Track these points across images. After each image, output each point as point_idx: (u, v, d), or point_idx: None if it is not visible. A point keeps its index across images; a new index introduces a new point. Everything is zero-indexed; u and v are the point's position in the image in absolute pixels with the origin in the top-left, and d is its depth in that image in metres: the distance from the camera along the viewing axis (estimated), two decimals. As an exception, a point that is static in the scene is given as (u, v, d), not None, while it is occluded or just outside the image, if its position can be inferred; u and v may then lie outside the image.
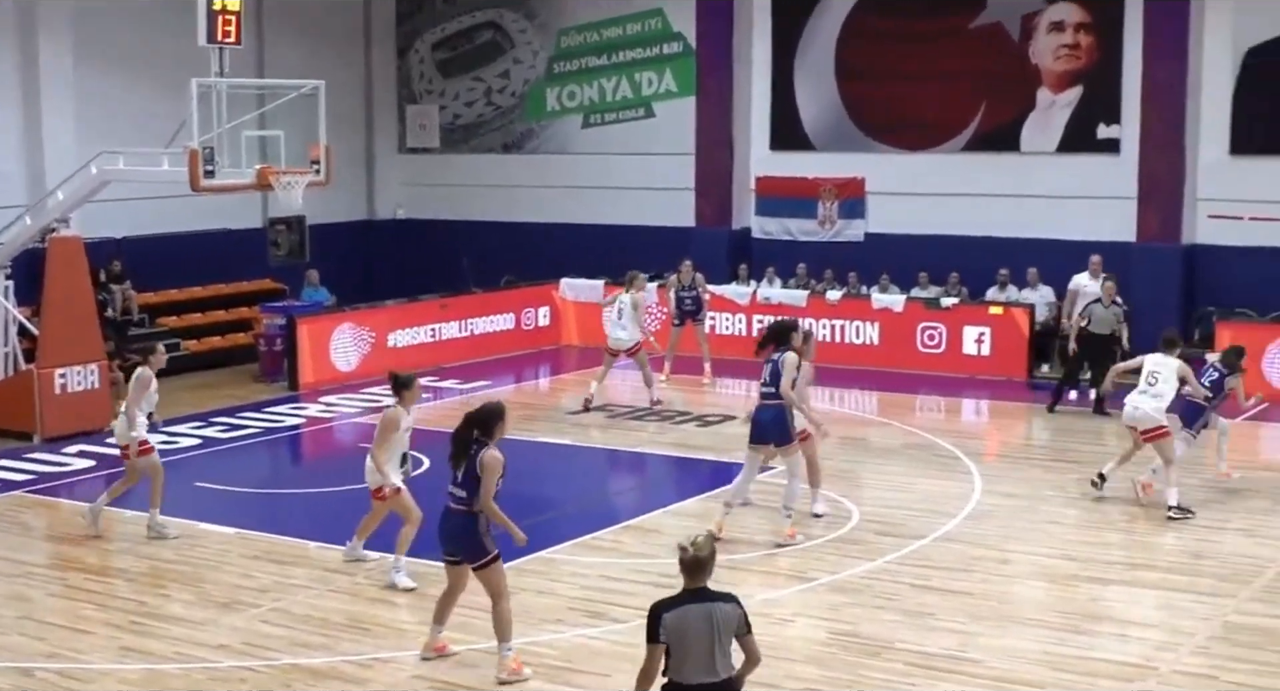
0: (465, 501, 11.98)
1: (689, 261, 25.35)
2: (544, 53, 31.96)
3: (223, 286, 29.61)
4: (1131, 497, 17.44)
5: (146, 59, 27.74)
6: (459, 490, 12.02)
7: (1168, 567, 15.03)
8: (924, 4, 27.57)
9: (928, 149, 27.87)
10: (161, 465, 16.57)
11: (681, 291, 25.12)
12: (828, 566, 14.87)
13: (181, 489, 18.56)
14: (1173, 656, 12.47)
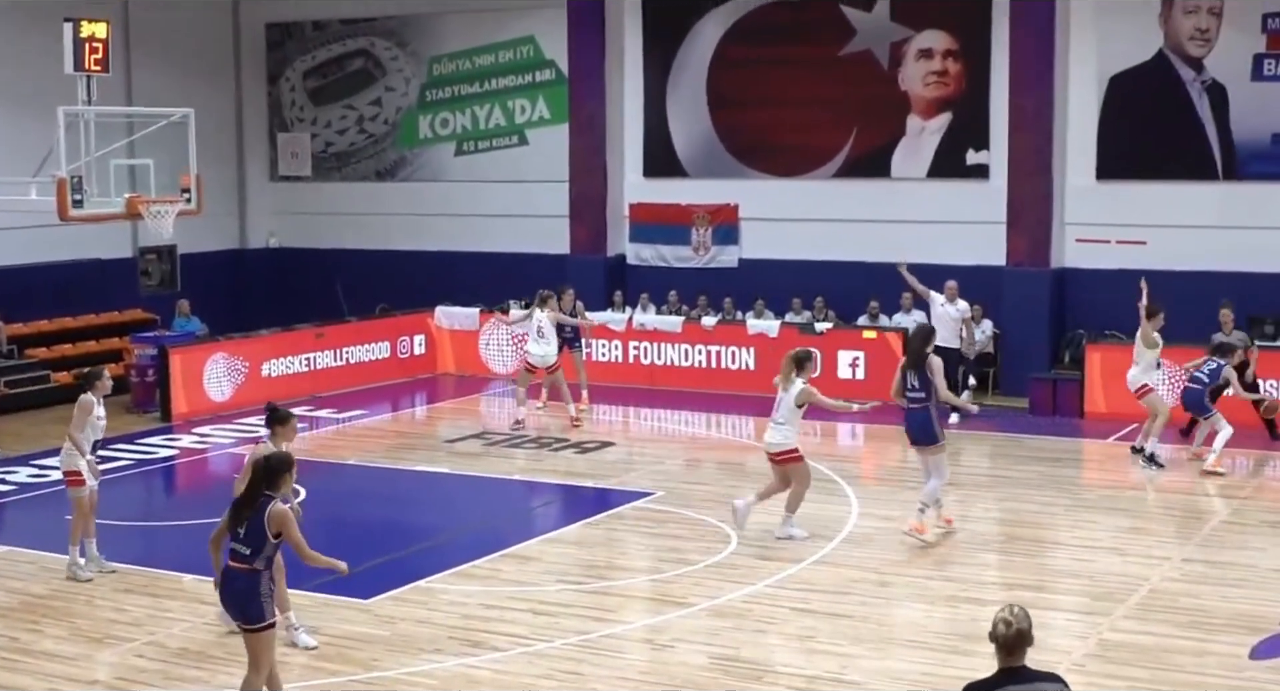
0: (249, 558, 11.34)
1: (571, 289, 25.36)
2: (416, 80, 31.90)
3: (93, 317, 29.23)
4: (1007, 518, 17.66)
5: (13, 86, 27.38)
6: (243, 547, 11.35)
7: (1043, 587, 15.20)
8: (794, 32, 27.79)
9: (800, 175, 28.09)
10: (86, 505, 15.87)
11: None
12: (707, 591, 14.89)
13: (53, 522, 18.28)
14: (1049, 674, 12.59)
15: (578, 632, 13.69)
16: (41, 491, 20.07)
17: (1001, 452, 21.71)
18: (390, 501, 19.49)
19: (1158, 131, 25.39)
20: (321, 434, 24.06)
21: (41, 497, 19.78)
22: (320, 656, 13.20)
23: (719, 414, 24.55)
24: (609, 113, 29.23)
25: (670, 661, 12.98)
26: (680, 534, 17.05)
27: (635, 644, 13.51)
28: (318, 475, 20.71)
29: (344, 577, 14.90)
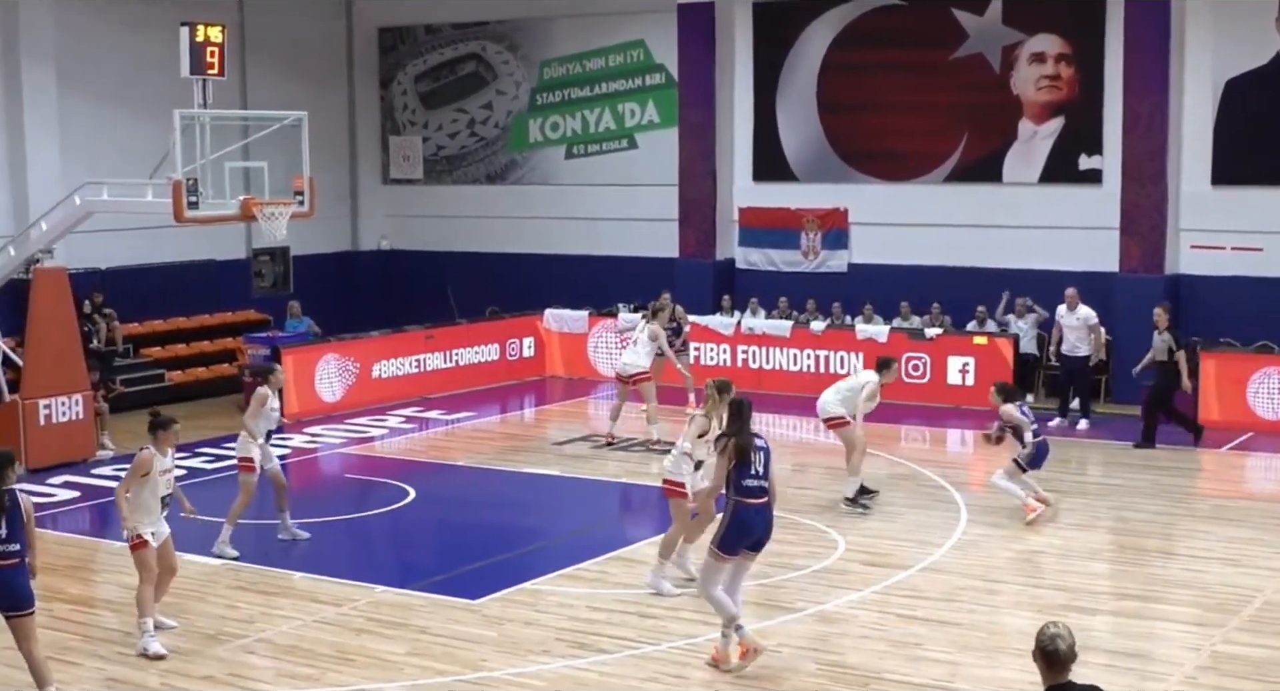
0: (18, 553, 11.74)
1: (667, 294, 25.30)
2: (527, 84, 32.03)
3: (207, 317, 29.60)
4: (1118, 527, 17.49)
5: (131, 90, 27.79)
6: (9, 545, 11.70)
7: (1155, 597, 15.02)
8: (905, 36, 27.66)
9: (910, 180, 27.95)
10: (254, 489, 16.78)
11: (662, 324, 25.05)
12: (814, 596, 14.86)
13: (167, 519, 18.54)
14: (1161, 687, 12.46)
15: (684, 636, 13.70)
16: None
17: (1113, 461, 21.48)
18: (498, 503, 19.59)
19: (1275, 136, 25.02)
20: (431, 435, 24.23)
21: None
22: (428, 656, 13.30)
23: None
24: (719, 116, 29.22)
25: (775, 666, 12.95)
26: (787, 538, 16.95)
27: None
28: (427, 476, 20.89)
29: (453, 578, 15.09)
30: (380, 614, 14.54)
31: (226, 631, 14.13)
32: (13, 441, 21.19)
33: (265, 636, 14.00)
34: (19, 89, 26.34)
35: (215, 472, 21.12)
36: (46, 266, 22.08)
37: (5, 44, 26.27)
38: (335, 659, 13.30)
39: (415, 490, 19.91)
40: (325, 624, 14.29)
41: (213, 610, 14.80)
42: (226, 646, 13.72)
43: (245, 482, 16.73)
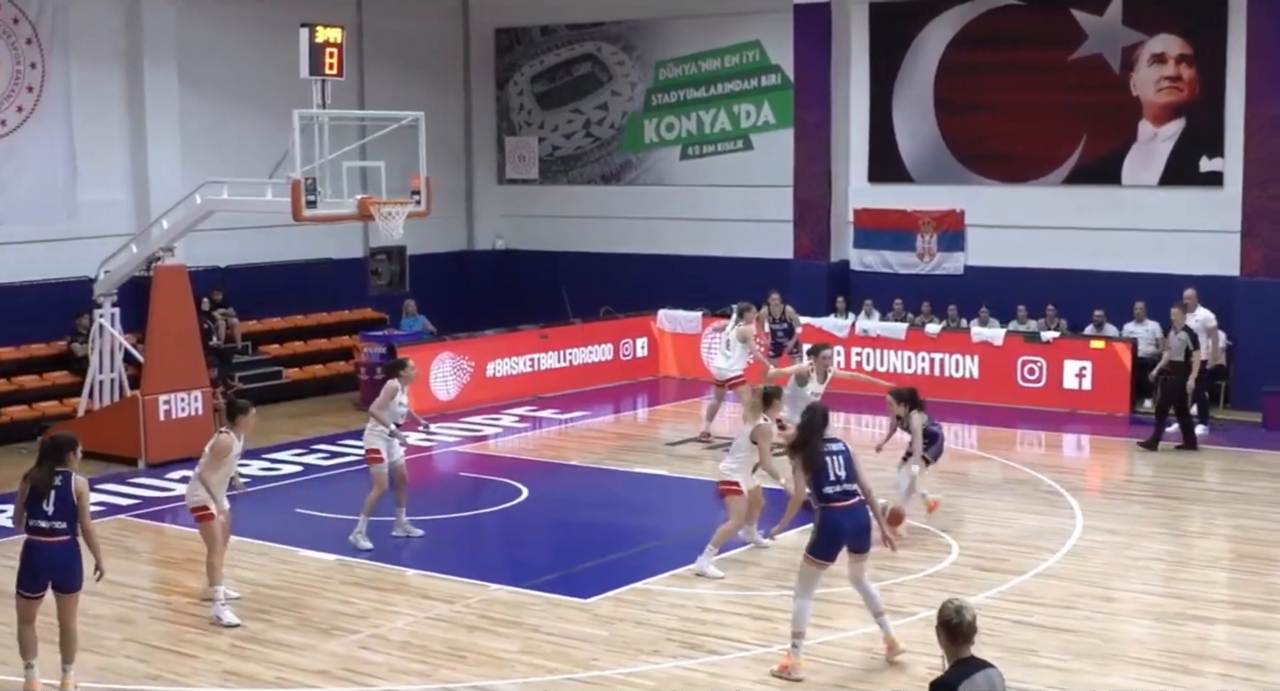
0: (66, 532, 12.05)
1: (776, 294, 25.27)
2: (642, 85, 32.09)
3: (324, 315, 29.87)
4: (1237, 535, 17.25)
5: (250, 90, 28.11)
6: (54, 522, 12.03)
7: (1274, 606, 14.78)
8: (1023, 37, 27.42)
9: (1028, 181, 27.71)
10: (385, 479, 16.98)
11: (773, 324, 25.02)
12: (927, 600, 14.73)
13: (283, 515, 18.80)
14: (1279, 696, 12.30)
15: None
16: (272, 484, 20.59)
17: (1233, 468, 21.16)
18: (611, 503, 19.63)
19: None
20: (544, 434, 24.33)
21: (271, 490, 20.29)
22: (540, 654, 13.35)
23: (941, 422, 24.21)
24: (834, 118, 29.11)
25: (888, 670, 12.88)
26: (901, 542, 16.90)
27: (853, 652, 13.44)
28: (540, 475, 20.97)
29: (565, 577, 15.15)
30: (493, 611, 14.62)
31: (340, 626, 14.26)
32: (133, 437, 21.59)
33: (379, 632, 14.12)
34: (141, 89, 26.76)
35: (332, 469, 21.35)
36: (167, 264, 22.39)
37: (129, 45, 26.68)
38: (448, 655, 13.39)
39: (528, 489, 20.00)
40: (438, 620, 14.39)
41: (327, 605, 14.94)
42: (340, 641, 13.84)
43: (377, 474, 16.93)
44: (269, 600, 15.18)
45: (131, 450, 21.69)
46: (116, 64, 26.65)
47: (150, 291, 22.43)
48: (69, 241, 25.44)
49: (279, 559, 16.76)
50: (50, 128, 25.61)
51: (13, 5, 24.96)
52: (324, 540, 17.28)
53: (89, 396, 23.22)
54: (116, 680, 12.86)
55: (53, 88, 25.62)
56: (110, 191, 26.57)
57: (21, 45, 25.13)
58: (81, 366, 23.96)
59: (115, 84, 26.70)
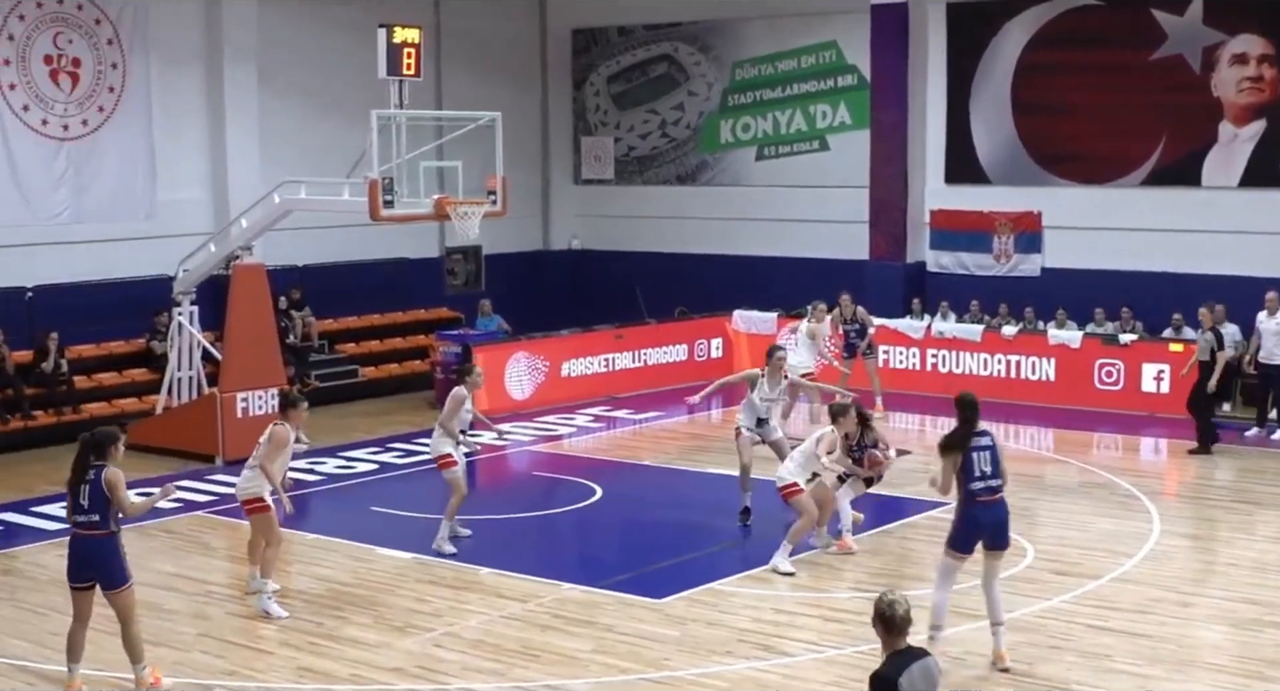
0: (99, 524, 12.14)
1: (847, 295, 25.20)
2: (718, 85, 32.06)
3: (400, 314, 30.00)
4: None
5: (328, 90, 28.29)
6: (90, 516, 12.16)
7: (1354, 613, 14.65)
8: (1102, 37, 27.21)
9: (1106, 183, 27.50)
10: (463, 482, 16.86)
11: (845, 325, 24.95)
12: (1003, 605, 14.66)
13: (358, 513, 18.90)
14: (1359, 704, 12.16)
15: (869, 640, 13.56)
16: (347, 482, 20.71)
17: (1313, 472, 20.97)
18: (684, 503, 19.60)
19: None
20: (618, 434, 24.36)
21: (347, 488, 20.42)
22: (612, 653, 13.36)
23: (1017, 425, 24.19)
24: (911, 118, 28.98)
25: (962, 675, 12.84)
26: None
27: (927, 654, 13.37)
28: (614, 475, 21.00)
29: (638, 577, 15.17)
30: (566, 610, 14.65)
31: (415, 624, 14.33)
32: (210, 434, 21.77)
33: (453, 630, 14.17)
34: (221, 89, 26.98)
35: (406, 467, 21.44)
36: (245, 263, 22.57)
37: (208, 46, 26.91)
38: (521, 654, 13.43)
39: (602, 489, 20.04)
40: (512, 619, 14.44)
41: (402, 603, 15.01)
42: (415, 639, 13.91)
43: (453, 480, 16.74)
44: (345, 597, 15.28)
45: (209, 447, 21.87)
46: (196, 64, 26.88)
47: (228, 290, 22.61)
48: (148, 240, 25.68)
49: (354, 556, 16.85)
50: (131, 128, 25.87)
51: (94, 6, 25.23)
52: (399, 538, 17.35)
53: (167, 394, 23.47)
54: (192, 675, 12.98)
55: (133, 88, 25.88)
56: (189, 191, 26.81)
57: (103, 46, 25.41)
58: (160, 364, 24.21)
59: (195, 84, 26.94)
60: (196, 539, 17.76)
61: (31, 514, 18.94)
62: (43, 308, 24.58)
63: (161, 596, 15.25)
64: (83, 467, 12.20)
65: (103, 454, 12.22)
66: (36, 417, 23.32)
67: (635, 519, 18.94)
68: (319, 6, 28.67)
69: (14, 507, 19.30)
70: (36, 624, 14.53)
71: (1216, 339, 22.00)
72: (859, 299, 25.38)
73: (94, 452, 12.23)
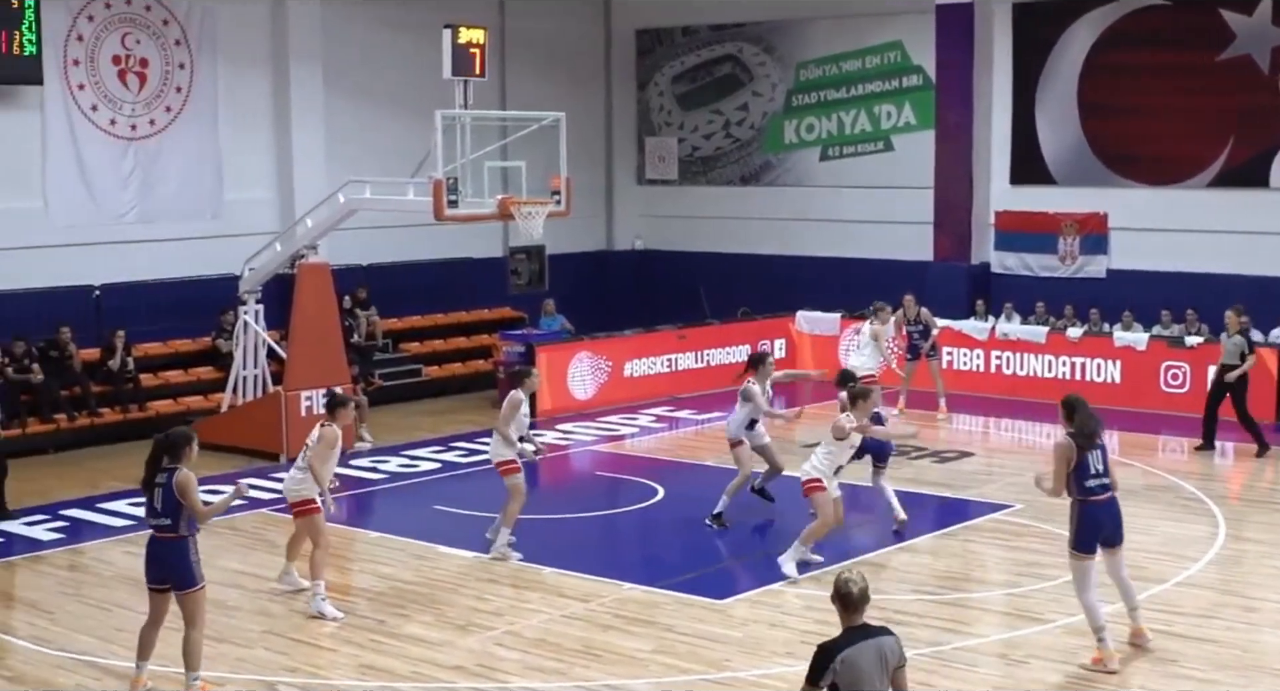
0: (170, 528, 12.13)
1: (911, 295, 25.12)
2: (783, 85, 32.02)
3: (463, 314, 30.09)
4: (1385, 546, 16.93)
5: (393, 90, 28.43)
6: (162, 519, 12.16)
7: None
8: (1170, 38, 27.03)
9: (1173, 184, 27.31)
10: (524, 488, 16.72)
11: (909, 326, 24.89)
12: (1065, 608, 14.57)
13: (421, 511, 18.98)
14: None
15: (930, 643, 13.58)
16: (410, 480, 20.80)
17: (1382, 477, 20.77)
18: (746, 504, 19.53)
19: None
20: (680, 434, 24.37)
21: (410, 487, 20.51)
22: (673, 654, 13.37)
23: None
24: (976, 119, 28.88)
25: (1024, 678, 12.78)
26: (1039, 548, 16.76)
27: (989, 658, 13.34)
28: (676, 475, 21.01)
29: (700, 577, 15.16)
30: (627, 610, 14.67)
31: (476, 623, 14.38)
32: (275, 432, 21.89)
33: (514, 629, 14.20)
34: (287, 90, 27.16)
35: (469, 466, 21.50)
36: (310, 262, 22.69)
37: (274, 46, 27.09)
38: (582, 653, 13.45)
39: (664, 489, 20.05)
40: (573, 619, 14.46)
41: (464, 602, 15.06)
42: (476, 638, 13.95)
43: (514, 485, 16.55)
44: (407, 595, 15.34)
45: (273, 445, 22.00)
46: (263, 64, 27.06)
47: (293, 289, 22.75)
48: (215, 239, 25.89)
49: (417, 555, 16.93)
50: (198, 127, 26.08)
51: (163, 7, 25.44)
52: (462, 537, 17.39)
53: (232, 392, 23.62)
54: (255, 671, 13.07)
55: (200, 88, 26.09)
56: (255, 190, 27.00)
57: (170, 46, 25.61)
58: (226, 362, 24.37)
59: (261, 84, 27.12)
60: (261, 536, 17.88)
61: (98, 510, 19.14)
62: (110, 306, 24.82)
63: (226, 593, 15.36)
64: (155, 469, 12.25)
65: (176, 455, 12.26)
66: (103, 415, 23.54)
67: (697, 519, 18.90)
68: (384, 7, 28.81)
69: (81, 504, 19.50)
70: (102, 619, 14.67)
71: (1247, 343, 21.83)
72: (923, 300, 25.27)
73: (167, 454, 12.27)
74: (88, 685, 12.89)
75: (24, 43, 23.23)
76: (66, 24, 24.33)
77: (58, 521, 18.65)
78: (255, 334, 23.48)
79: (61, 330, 23.33)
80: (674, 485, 20.31)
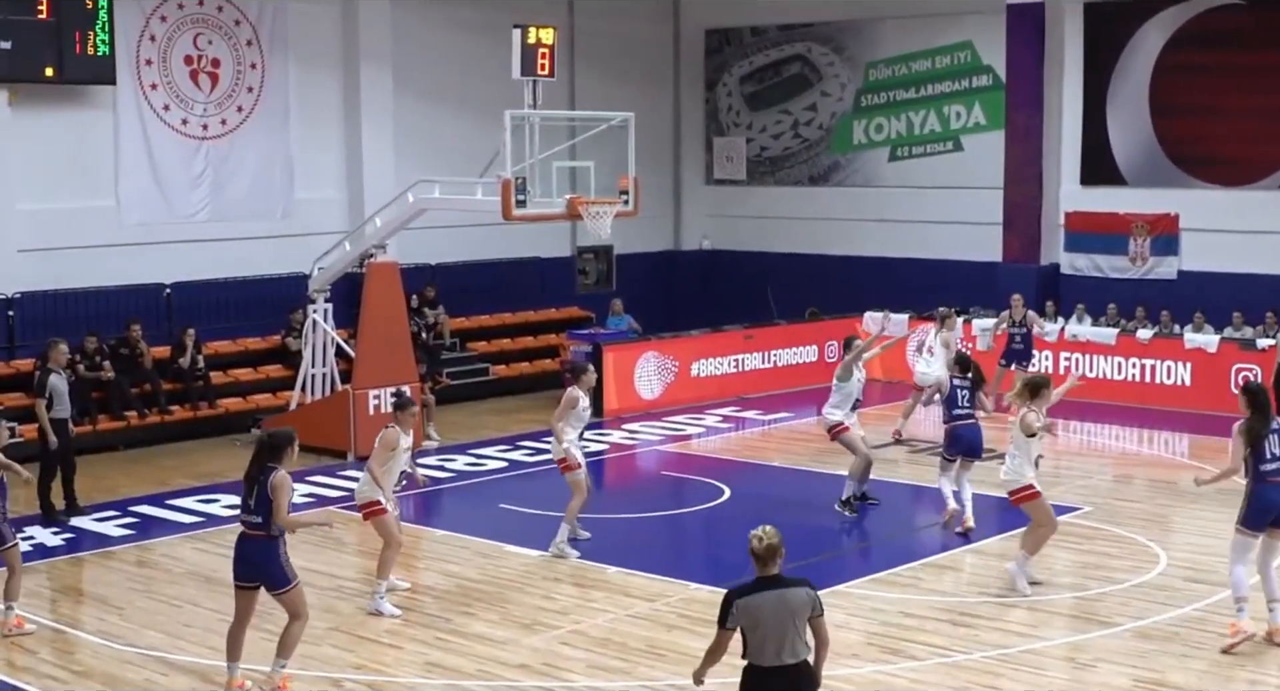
0: (262, 526, 12.15)
1: (1019, 296, 24.82)
2: (852, 85, 31.92)
3: (531, 313, 30.14)
4: None
5: (462, 90, 28.50)
6: (253, 517, 12.19)
7: None
8: (1243, 38, 26.77)
9: (1245, 185, 27.05)
10: (586, 483, 16.82)
11: (1012, 327, 24.49)
12: (1133, 611, 14.50)
13: (488, 510, 19.03)
14: None
15: (997, 646, 13.51)
16: (477, 479, 20.86)
17: None
18: (812, 504, 19.49)
19: None
20: (747, 435, 24.34)
21: (476, 485, 20.57)
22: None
23: (1152, 430, 23.88)
24: (1046, 119, 28.69)
25: (1091, 681, 12.69)
26: (1107, 551, 16.65)
27: (1056, 661, 13.26)
28: (742, 475, 20.98)
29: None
30: (692, 610, 14.65)
31: (542, 622, 14.40)
32: (343, 430, 22.01)
33: (579, 628, 14.22)
34: (357, 90, 27.29)
35: (535, 465, 21.53)
36: (379, 261, 22.78)
37: (345, 47, 27.23)
38: (646, 653, 13.45)
39: (730, 489, 20.02)
40: (638, 618, 14.47)
41: (530, 600, 15.09)
42: (542, 636, 13.97)
43: (574, 481, 16.62)
44: (473, 594, 15.38)
45: (341, 443, 22.11)
46: (333, 65, 27.21)
47: (362, 288, 22.85)
48: (285, 239, 26.06)
49: (483, 553, 16.97)
50: (268, 127, 26.26)
51: (234, 8, 25.63)
52: (528, 536, 17.42)
53: (301, 390, 23.75)
54: (321, 668, 13.12)
55: (271, 88, 26.26)
56: (325, 190, 27.15)
57: (242, 47, 25.79)
58: (295, 361, 24.50)
59: (332, 84, 27.27)
60: (328, 534, 17.89)
61: (167, 507, 19.28)
62: (181, 304, 25.01)
63: (293, 590, 15.44)
64: (259, 468, 12.28)
65: (278, 455, 12.28)
66: (173, 412, 23.71)
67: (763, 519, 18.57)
68: (454, 7, 28.90)
69: (150, 500, 19.66)
70: (171, 615, 14.78)
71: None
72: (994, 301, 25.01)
73: (270, 453, 12.30)
74: (155, 680, 12.99)
75: (97, 43, 23.46)
76: (139, 24, 24.54)
77: (127, 517, 18.81)
78: (324, 332, 23.60)
79: (132, 328, 23.53)
80: (740, 485, 20.28)
